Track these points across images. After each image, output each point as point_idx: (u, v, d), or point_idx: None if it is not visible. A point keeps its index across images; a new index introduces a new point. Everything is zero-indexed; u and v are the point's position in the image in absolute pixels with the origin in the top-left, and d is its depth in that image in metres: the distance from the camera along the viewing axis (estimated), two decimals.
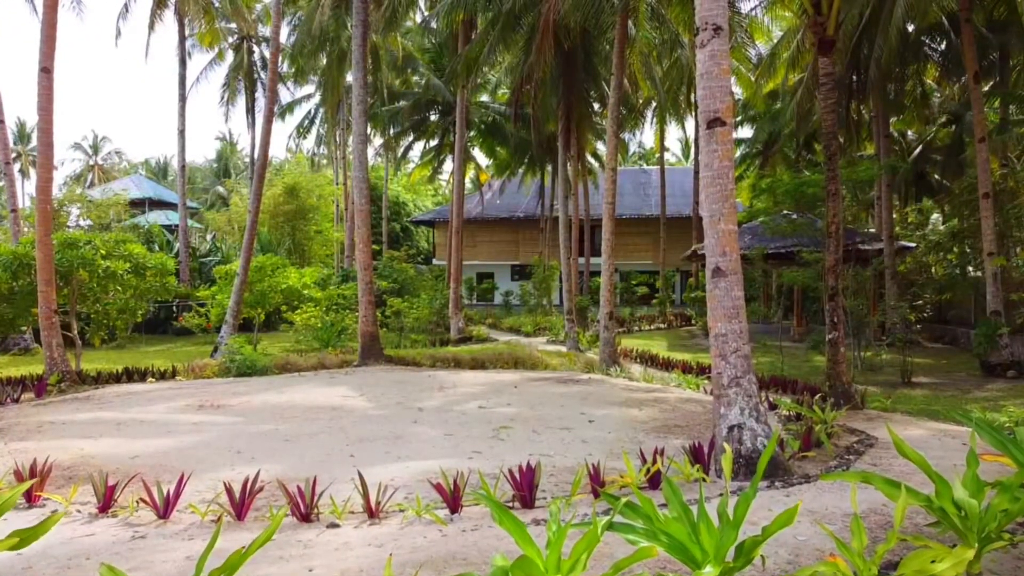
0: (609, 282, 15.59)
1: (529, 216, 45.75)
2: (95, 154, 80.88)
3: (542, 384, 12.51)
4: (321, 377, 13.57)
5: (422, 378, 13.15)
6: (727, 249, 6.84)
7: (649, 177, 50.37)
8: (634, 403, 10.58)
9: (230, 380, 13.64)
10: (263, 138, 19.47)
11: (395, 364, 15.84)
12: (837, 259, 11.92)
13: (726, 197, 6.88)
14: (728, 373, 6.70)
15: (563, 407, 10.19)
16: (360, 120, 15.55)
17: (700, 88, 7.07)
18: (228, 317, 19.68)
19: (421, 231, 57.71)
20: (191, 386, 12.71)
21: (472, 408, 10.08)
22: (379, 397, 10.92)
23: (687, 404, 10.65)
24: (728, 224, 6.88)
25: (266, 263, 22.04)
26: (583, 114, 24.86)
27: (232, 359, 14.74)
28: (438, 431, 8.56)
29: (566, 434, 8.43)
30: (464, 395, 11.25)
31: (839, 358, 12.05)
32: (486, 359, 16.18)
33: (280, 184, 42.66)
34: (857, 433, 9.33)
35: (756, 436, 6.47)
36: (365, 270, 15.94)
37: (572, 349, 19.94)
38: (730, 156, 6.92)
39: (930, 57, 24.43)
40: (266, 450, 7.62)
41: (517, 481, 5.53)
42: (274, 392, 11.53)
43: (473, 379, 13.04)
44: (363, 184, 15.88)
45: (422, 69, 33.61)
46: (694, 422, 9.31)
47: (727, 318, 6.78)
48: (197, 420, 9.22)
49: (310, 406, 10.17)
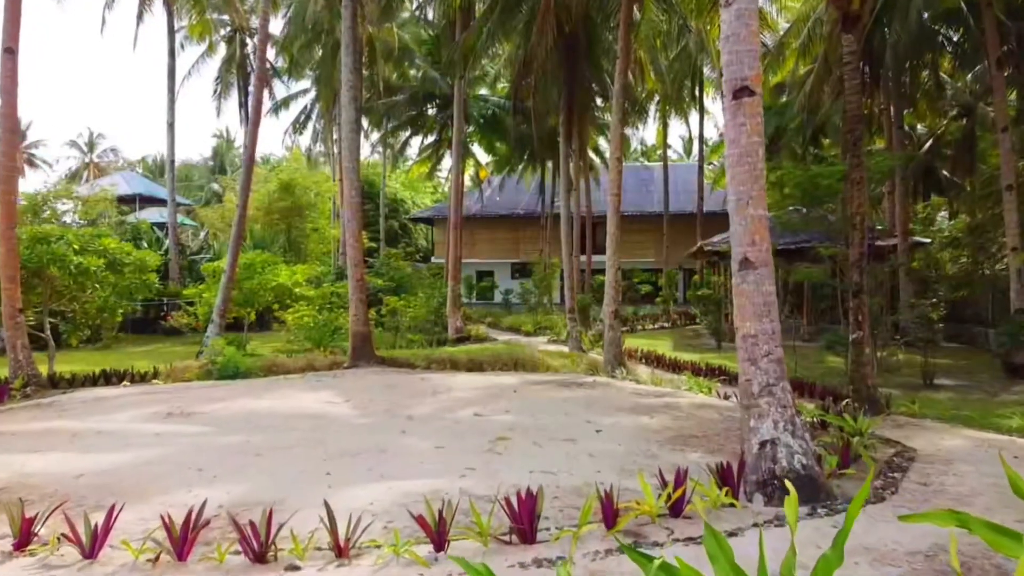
0: (614, 279, 14.70)
1: (530, 213, 44.85)
2: (90, 152, 79.88)
3: (543, 388, 11.62)
4: (307, 380, 12.68)
5: (415, 382, 12.27)
6: (757, 237, 5.96)
7: (651, 174, 49.44)
8: (644, 409, 9.69)
9: (210, 384, 12.77)
10: (251, 130, 18.62)
11: (388, 366, 14.96)
12: (862, 253, 11.04)
13: (755, 178, 5.99)
14: (759, 380, 5.81)
15: (567, 414, 9.31)
16: (350, 108, 14.66)
17: (725, 53, 6.17)
18: (214, 316, 18.84)
19: (420, 229, 56.81)
20: (166, 391, 11.84)
21: (467, 416, 9.19)
22: (366, 403, 10.03)
23: (702, 411, 9.76)
24: (757, 209, 5.99)
25: (256, 260, 21.17)
26: (585, 106, 23.99)
27: (213, 361, 13.88)
28: (428, 443, 7.67)
29: (571, 447, 7.55)
30: (459, 401, 10.36)
31: (863, 360, 11.17)
32: (484, 360, 15.31)
33: (275, 181, 41.73)
34: (892, 443, 8.45)
35: (793, 453, 5.58)
36: (356, 267, 15.06)
37: (574, 349, 19.07)
38: (759, 130, 6.03)
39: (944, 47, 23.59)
40: (231, 467, 6.73)
41: (515, 511, 4.64)
42: (253, 397, 10.65)
43: (469, 382, 12.15)
44: (354, 176, 14.99)
45: (419, 61, 32.70)
46: (711, 431, 8.42)
47: (757, 317, 5.90)
48: (161, 430, 8.33)
49: (290, 414, 9.29)
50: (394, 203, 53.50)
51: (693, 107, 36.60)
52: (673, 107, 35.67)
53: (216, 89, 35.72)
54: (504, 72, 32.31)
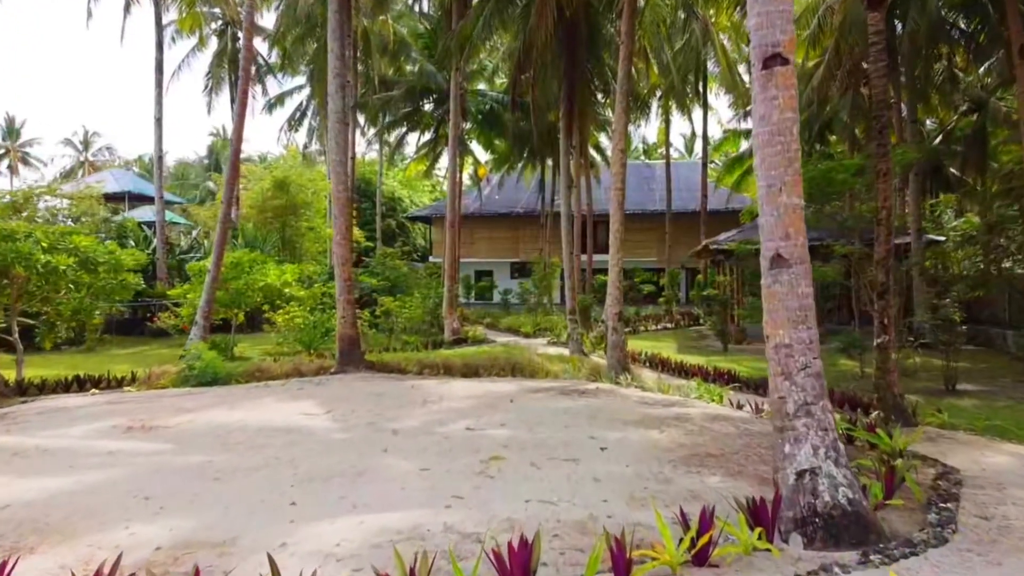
0: (617, 279, 13.80)
1: (529, 212, 44.02)
2: (85, 150, 79.14)
3: (543, 397, 10.75)
4: (289, 388, 11.80)
5: (404, 389, 11.39)
6: (791, 230, 5.10)
7: (653, 172, 48.60)
8: (653, 422, 8.82)
9: (184, 392, 11.89)
10: (236, 122, 17.74)
11: (377, 371, 14.09)
12: (888, 251, 10.17)
13: (789, 160, 5.13)
14: (795, 398, 4.94)
15: (568, 428, 8.43)
16: (337, 97, 13.77)
17: (753, 16, 5.32)
18: (198, 318, 17.97)
19: (417, 228, 55.94)
20: (135, 399, 10.97)
21: (458, 430, 8.32)
22: (348, 415, 9.15)
23: (716, 424, 8.88)
24: (792, 196, 5.13)
25: (243, 259, 20.28)
26: (586, 101, 23.09)
27: (191, 367, 12.99)
28: (412, 464, 6.80)
29: (573, 468, 6.68)
30: (450, 412, 9.48)
31: (890, 366, 10.30)
32: (480, 365, 14.43)
33: (269, 178, 40.84)
34: (929, 461, 7.60)
35: (836, 485, 4.71)
36: (343, 265, 14.17)
37: (575, 352, 18.19)
38: (793, 104, 5.17)
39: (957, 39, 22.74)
40: (184, 495, 5.86)
41: (506, 566, 3.77)
42: (227, 408, 9.78)
43: (463, 390, 11.27)
44: (341, 170, 14.12)
45: (415, 55, 31.81)
46: (729, 449, 7.55)
47: (792, 323, 5.03)
48: (116, 448, 7.46)
49: (262, 427, 8.41)
50: (391, 202, 52.64)
51: (696, 103, 35.73)
52: (676, 102, 34.78)
53: (207, 84, 34.81)
54: (502, 67, 31.44)
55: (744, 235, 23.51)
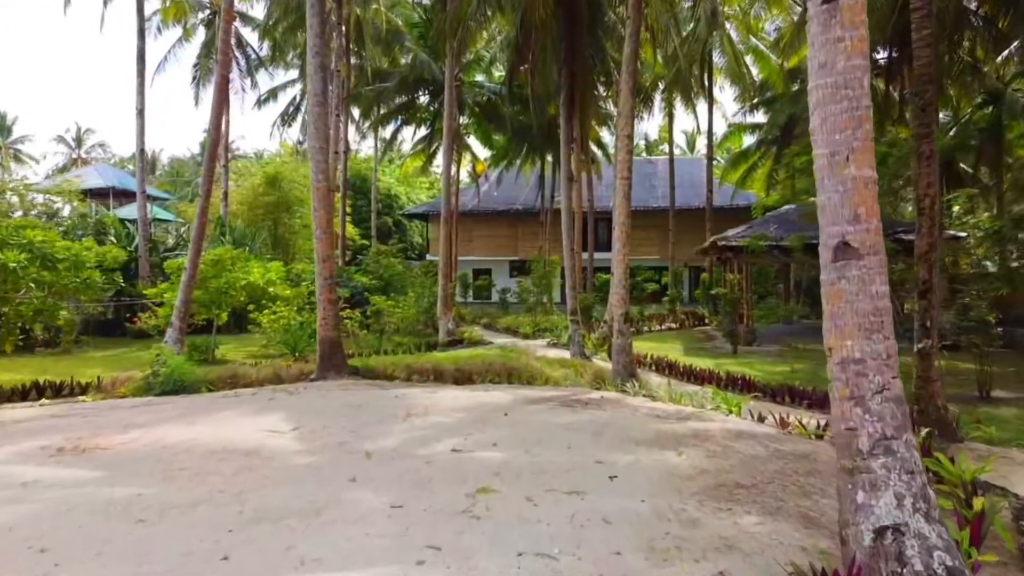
0: (624, 277, 12.60)
1: (528, 209, 42.89)
2: (79, 147, 77.99)
3: (542, 409, 9.58)
4: (260, 398, 10.63)
5: (387, 400, 10.22)
6: (862, 210, 3.93)
7: (655, 168, 47.45)
8: (668, 441, 7.65)
9: (143, 402, 10.72)
10: (215, 109, 16.55)
11: (361, 377, 12.93)
12: (932, 244, 9.04)
13: (858, 121, 3.96)
14: (870, 430, 3.77)
15: (571, 449, 7.27)
16: (316, 77, 12.61)
17: None
18: (173, 319, 16.78)
19: (415, 225, 54.77)
20: (84, 412, 9.79)
21: (443, 452, 7.15)
22: (318, 432, 7.99)
23: (741, 442, 7.72)
24: (863, 168, 3.96)
25: (224, 256, 19.14)
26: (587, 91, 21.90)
27: (155, 373, 11.81)
28: (383, 498, 5.64)
29: (577, 504, 5.52)
30: (436, 428, 8.32)
31: (932, 374, 9.15)
32: (474, 370, 13.27)
33: (261, 174, 39.73)
34: (997, 491, 6.46)
35: (930, 549, 3.54)
36: (325, 262, 13.00)
37: (577, 356, 17.03)
38: (864, 49, 4.00)
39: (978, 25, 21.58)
40: (92, 545, 4.70)
41: None
42: (183, 423, 8.61)
43: (453, 401, 10.10)
44: (321, 156, 12.95)
45: (408, 43, 30.60)
46: (760, 476, 6.39)
47: (864, 331, 3.86)
48: (36, 477, 6.29)
49: (216, 449, 7.25)
50: (388, 199, 51.48)
51: (702, 95, 34.52)
52: (681, 94, 33.58)
53: (195, 76, 33.62)
54: (500, 57, 30.22)
55: (753, 231, 22.36)
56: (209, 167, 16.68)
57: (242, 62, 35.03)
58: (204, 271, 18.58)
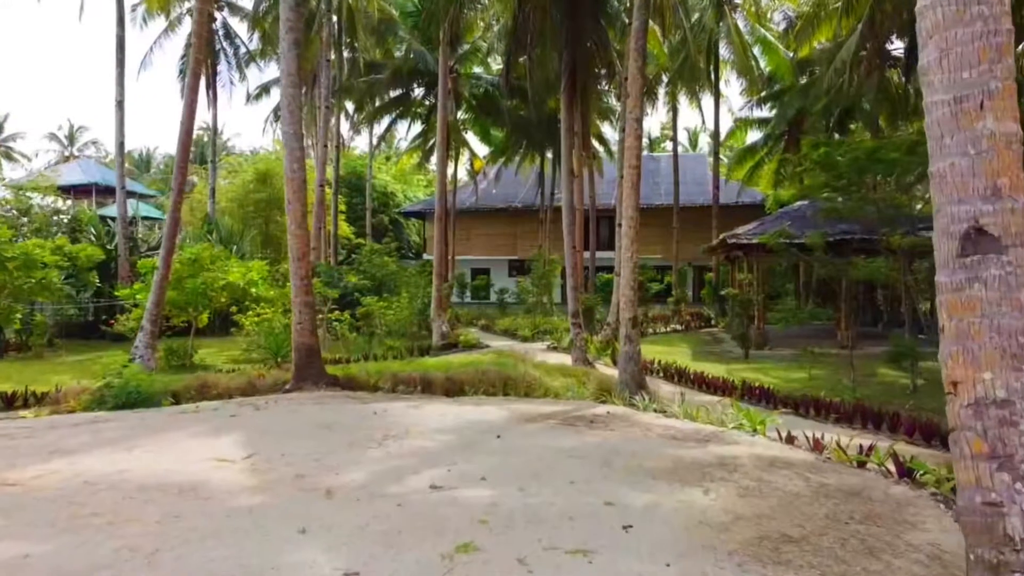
0: (632, 277, 11.32)
1: (528, 206, 41.71)
2: (71, 145, 76.86)
3: (541, 429, 8.35)
4: (221, 414, 9.39)
5: (364, 417, 8.98)
6: (1003, 182, 2.70)
7: (658, 165, 46.24)
8: (691, 472, 6.42)
9: (90, 418, 9.47)
10: (188, 96, 15.33)
11: (340, 387, 11.70)
12: None
13: (997, 51, 2.72)
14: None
15: (575, 485, 6.03)
16: (289, 55, 11.38)
17: None
18: (145, 322, 15.58)
19: (412, 224, 53.55)
20: (17, 431, 8.53)
21: (419, 489, 5.91)
22: (274, 461, 6.75)
23: (776, 474, 6.48)
24: (1004, 120, 2.72)
25: (202, 254, 17.92)
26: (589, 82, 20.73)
27: (108, 385, 10.56)
28: (336, 562, 4.40)
29: (584, 571, 4.28)
30: (416, 455, 7.08)
31: None
32: (466, 380, 12.04)
33: (251, 170, 38.59)
34: None
35: None
36: (300, 260, 11.75)
37: (579, 362, 15.81)
38: None
39: None
40: None
41: None
42: (120, 448, 7.36)
43: (439, 419, 8.86)
44: (296, 143, 11.71)
45: (402, 33, 29.34)
46: (811, 524, 5.15)
47: (1010, 359, 2.62)
48: None
49: (146, 484, 6.01)
50: (384, 196, 50.24)
51: (708, 88, 33.28)
52: (685, 87, 32.34)
53: (181, 69, 32.35)
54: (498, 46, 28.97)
55: (765, 228, 21.13)
56: (182, 159, 15.45)
57: (230, 54, 33.77)
58: (180, 270, 17.39)
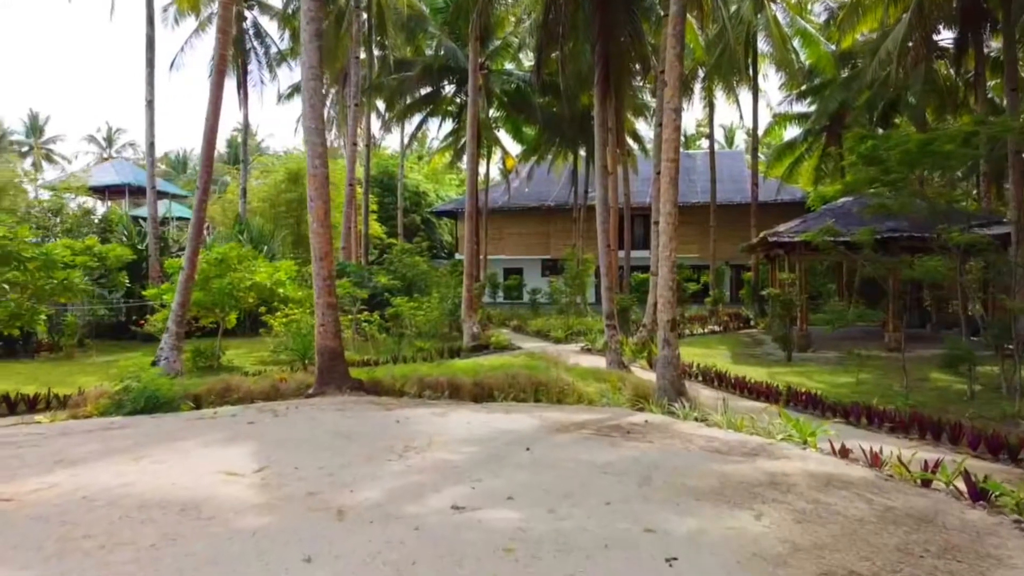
0: (671, 277, 10.69)
1: (561, 205, 41.12)
2: (109, 147, 78.00)
3: (573, 440, 7.80)
4: (238, 421, 8.97)
5: (386, 426, 8.50)
6: None
7: (693, 162, 45.33)
8: (739, 492, 5.82)
9: (104, 424, 9.12)
10: (213, 92, 15.07)
11: (365, 393, 11.24)
12: None
13: None
14: None
15: (611, 507, 5.47)
16: (311, 47, 10.95)
17: None
18: (170, 323, 15.32)
19: (444, 223, 53.20)
20: (26, 438, 8.20)
21: (440, 509, 5.39)
22: (286, 476, 6.28)
23: (834, 496, 5.85)
24: None
25: (229, 254, 17.64)
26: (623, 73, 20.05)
27: (127, 389, 10.23)
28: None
29: None
30: (438, 469, 6.56)
31: None
32: (495, 385, 11.53)
33: (282, 170, 38.52)
34: None
35: None
36: (322, 260, 11.32)
37: (614, 365, 15.20)
38: None
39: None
40: None
41: None
42: (128, 458, 6.96)
43: (465, 428, 8.35)
44: (317, 138, 11.29)
45: (432, 29, 28.91)
46: (881, 560, 4.54)
47: None
48: None
49: (147, 501, 5.58)
50: (416, 196, 49.94)
51: (746, 83, 32.38)
52: (722, 81, 31.49)
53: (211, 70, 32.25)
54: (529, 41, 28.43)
55: (808, 225, 20.31)
56: (207, 158, 15.17)
57: (260, 53, 33.66)
58: (207, 271, 17.15)
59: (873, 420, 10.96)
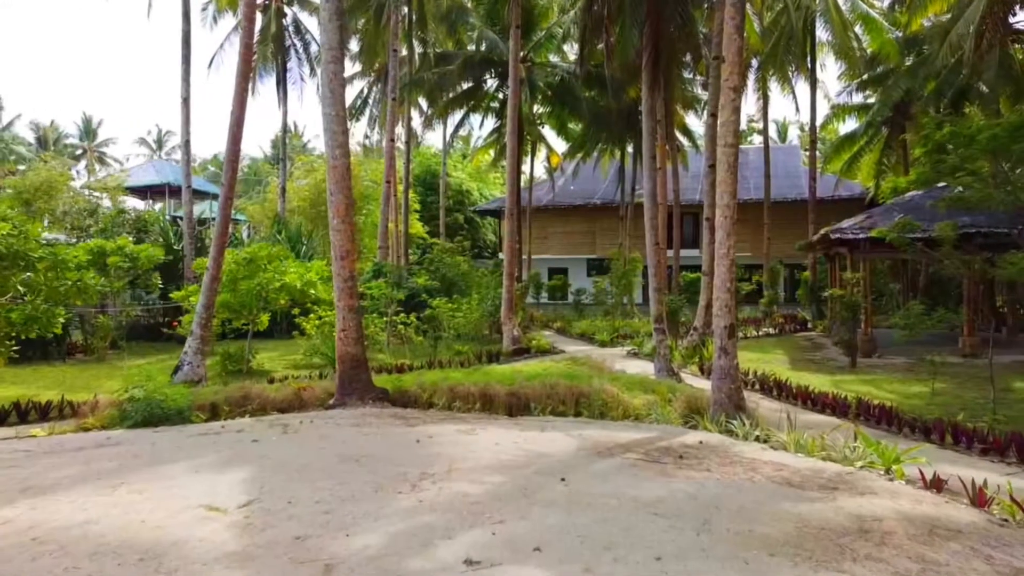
0: (729, 277, 9.48)
1: (607, 203, 39.83)
2: (159, 149, 79.06)
3: (617, 468, 6.70)
4: (242, 438, 8.08)
5: (405, 445, 7.51)
6: None
7: (746, 157, 43.46)
8: (823, 546, 4.67)
9: (99, 439, 8.32)
10: (239, 84, 14.32)
11: (389, 404, 10.30)
12: None
13: None
14: None
15: (661, 563, 4.38)
16: (330, 27, 10.05)
17: None
18: (194, 326, 14.62)
19: (488, 222, 52.27)
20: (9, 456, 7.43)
21: (449, 565, 4.37)
22: (275, 512, 5.32)
23: (943, 550, 4.67)
24: None
25: (258, 254, 16.87)
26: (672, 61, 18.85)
27: (132, 399, 9.44)
28: None
29: None
30: (454, 507, 5.53)
31: None
32: (532, 395, 10.48)
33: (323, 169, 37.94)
34: None
35: None
36: (342, 260, 10.39)
37: (663, 373, 14.01)
38: None
39: None
40: None
41: None
42: (105, 486, 6.10)
43: (493, 450, 7.31)
44: (338, 127, 10.37)
45: (473, 20, 27.95)
46: None
47: None
48: None
49: (104, 545, 4.67)
50: (459, 195, 49.09)
51: (803, 74, 30.73)
52: (777, 72, 29.92)
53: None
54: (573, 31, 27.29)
55: (873, 221, 18.83)
56: (232, 154, 14.44)
57: (300, 49, 33.14)
58: (235, 271, 16.42)
59: (960, 439, 9.60)
